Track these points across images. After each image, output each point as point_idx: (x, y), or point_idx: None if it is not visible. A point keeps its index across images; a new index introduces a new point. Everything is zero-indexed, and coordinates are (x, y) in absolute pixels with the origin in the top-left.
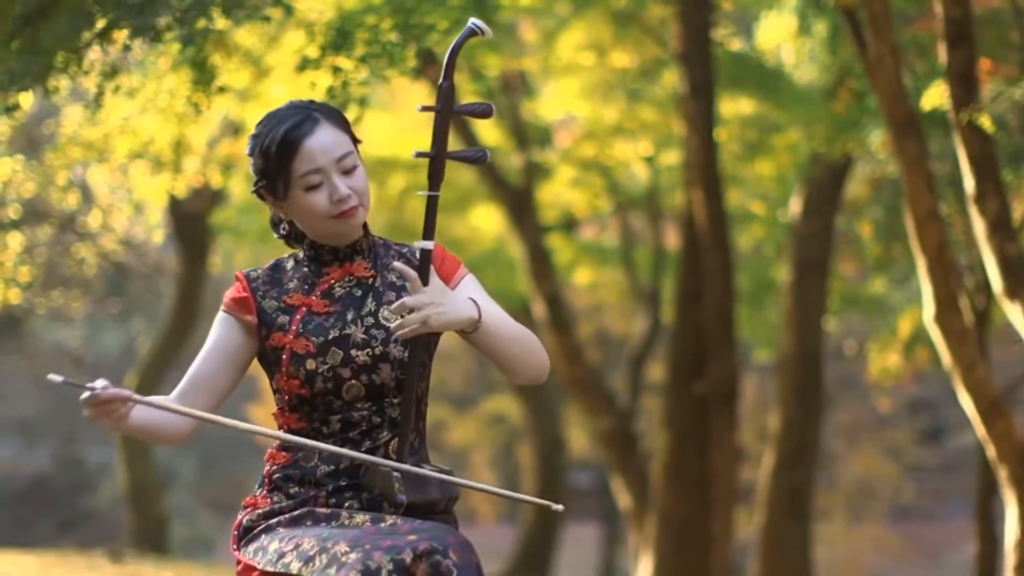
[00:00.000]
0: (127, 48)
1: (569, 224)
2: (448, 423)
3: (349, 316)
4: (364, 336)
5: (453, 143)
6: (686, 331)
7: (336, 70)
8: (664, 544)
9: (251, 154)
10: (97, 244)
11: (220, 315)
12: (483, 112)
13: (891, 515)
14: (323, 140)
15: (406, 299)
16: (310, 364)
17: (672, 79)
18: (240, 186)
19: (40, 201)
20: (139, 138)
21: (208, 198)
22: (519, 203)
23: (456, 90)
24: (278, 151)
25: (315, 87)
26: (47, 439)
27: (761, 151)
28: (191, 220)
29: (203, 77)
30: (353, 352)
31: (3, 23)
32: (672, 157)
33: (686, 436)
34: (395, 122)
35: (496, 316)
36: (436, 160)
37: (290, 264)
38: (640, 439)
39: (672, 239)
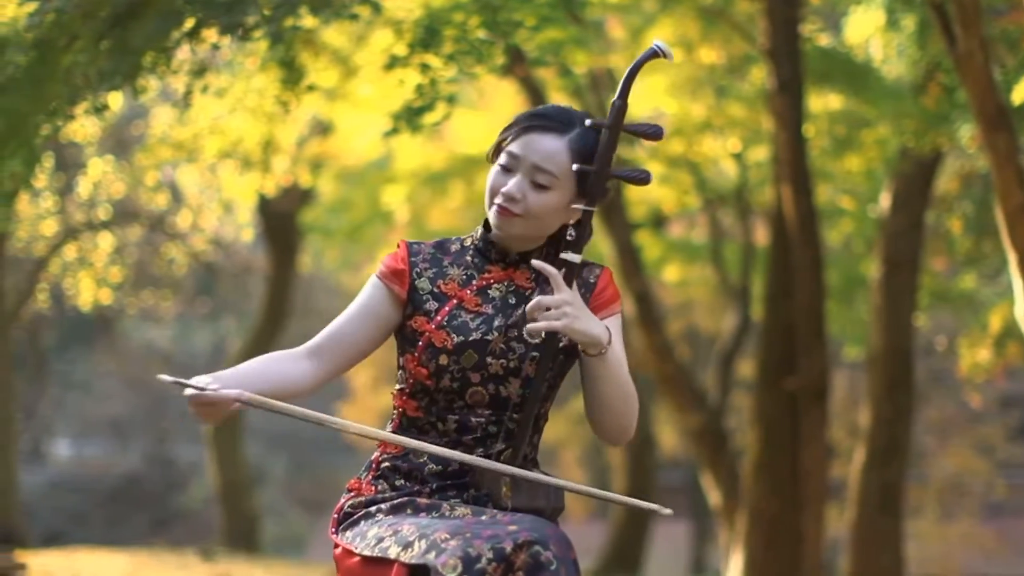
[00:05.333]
0: (216, 47)
1: (658, 221)
2: None
3: (496, 322)
4: (504, 347)
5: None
6: (776, 328)
7: (424, 68)
8: (755, 541)
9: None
10: (187, 244)
11: (373, 280)
12: (653, 133)
13: (983, 512)
14: (542, 143)
15: (543, 297)
16: (443, 360)
17: (760, 75)
18: (329, 185)
19: (130, 201)
20: (228, 138)
21: (297, 197)
22: (607, 200)
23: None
24: (513, 123)
25: (403, 85)
26: (139, 438)
27: (850, 146)
28: (280, 219)
29: (292, 76)
30: (488, 360)
31: (93, 23)
32: (761, 153)
33: (776, 433)
34: (483, 120)
35: (620, 359)
36: (599, 175)
37: (455, 247)
38: (730, 436)
39: (761, 235)
